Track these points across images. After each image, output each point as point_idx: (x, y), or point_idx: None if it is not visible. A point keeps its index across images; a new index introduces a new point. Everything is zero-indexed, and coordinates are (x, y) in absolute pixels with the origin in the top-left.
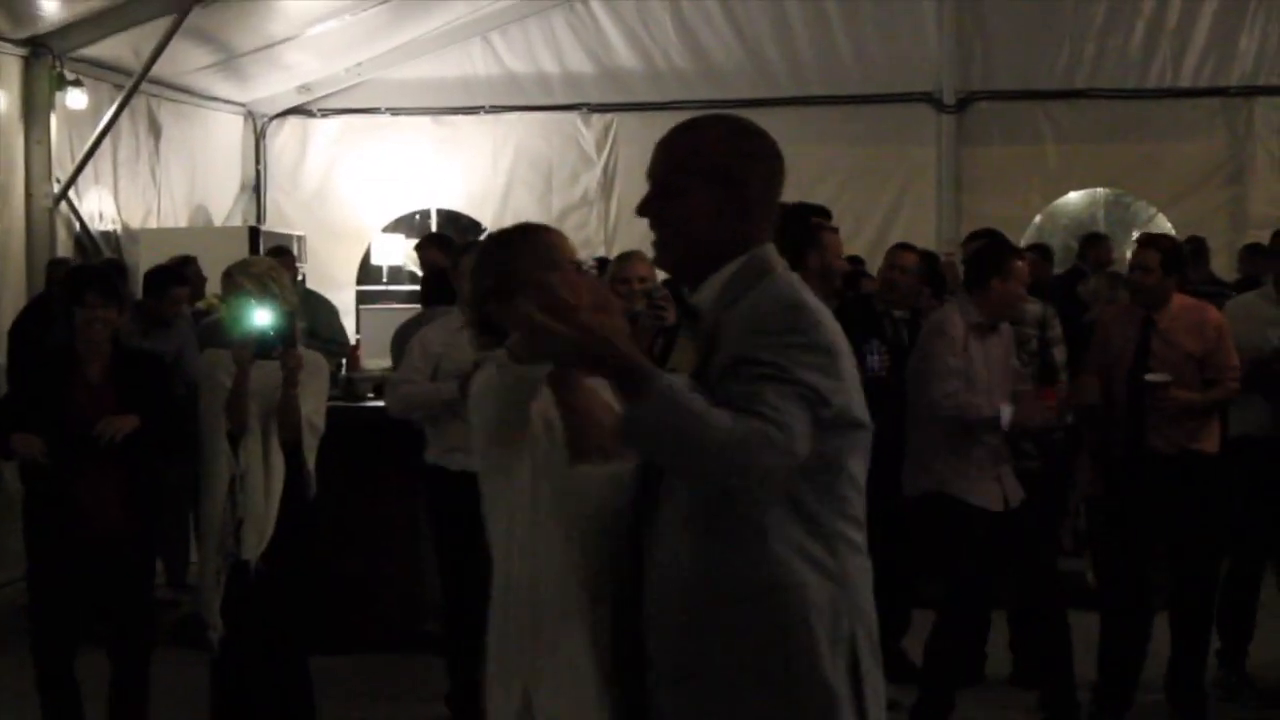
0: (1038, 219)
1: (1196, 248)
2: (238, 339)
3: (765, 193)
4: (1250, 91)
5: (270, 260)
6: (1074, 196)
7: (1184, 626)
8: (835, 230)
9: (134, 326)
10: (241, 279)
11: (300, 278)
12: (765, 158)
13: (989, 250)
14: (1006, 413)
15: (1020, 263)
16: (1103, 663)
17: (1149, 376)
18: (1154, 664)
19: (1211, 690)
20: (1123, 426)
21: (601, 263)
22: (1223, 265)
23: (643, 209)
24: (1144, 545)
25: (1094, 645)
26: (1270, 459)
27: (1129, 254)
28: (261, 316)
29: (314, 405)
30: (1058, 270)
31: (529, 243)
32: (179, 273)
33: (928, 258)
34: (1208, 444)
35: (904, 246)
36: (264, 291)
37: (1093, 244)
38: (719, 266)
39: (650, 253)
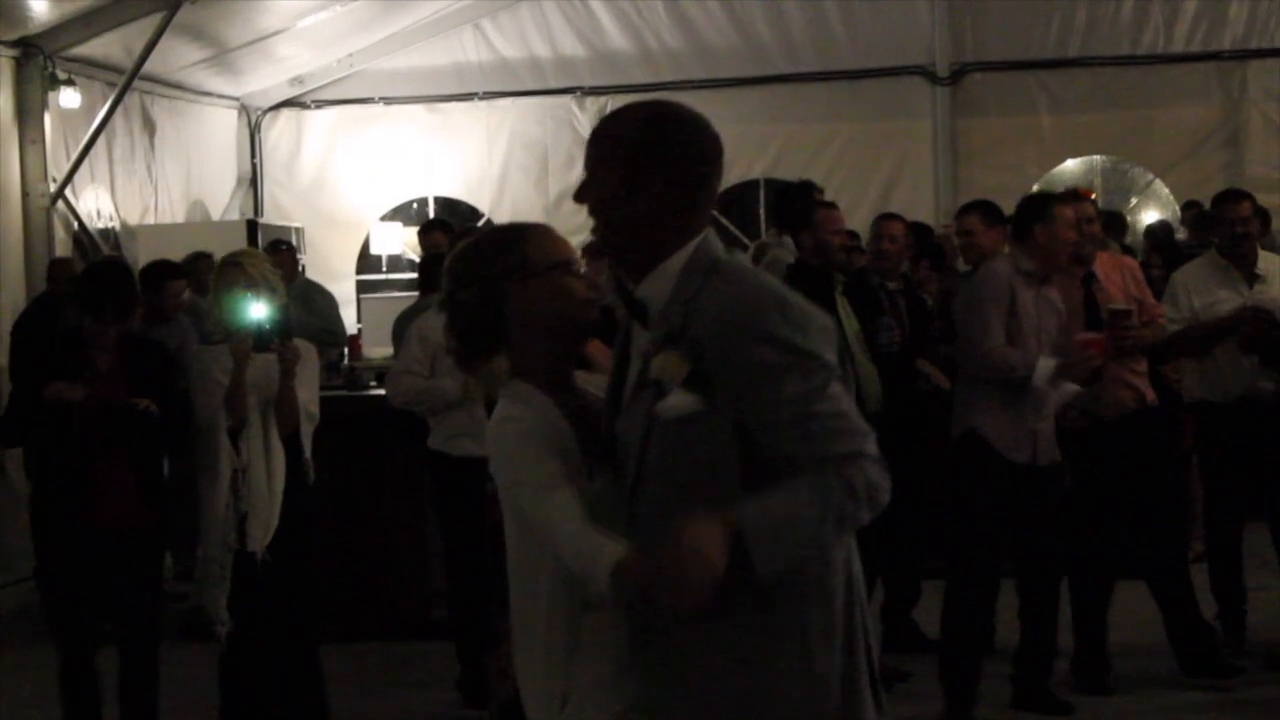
0: (1035, 188)
1: (1199, 214)
2: (235, 333)
3: (687, 179)
4: (1243, 55)
5: (260, 252)
6: (1070, 165)
7: (1161, 588)
8: (833, 205)
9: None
10: (235, 272)
11: (300, 269)
12: (685, 143)
13: (1033, 199)
14: (1045, 366)
15: (1068, 209)
16: (1078, 629)
17: (1111, 306)
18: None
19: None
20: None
21: (598, 245)
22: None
23: (576, 197)
24: (1106, 510)
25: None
26: (1236, 423)
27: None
28: (257, 309)
29: (308, 393)
30: None
31: (542, 231)
32: (175, 266)
33: (919, 229)
34: (1150, 394)
35: (890, 216)
36: (258, 284)
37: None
38: (657, 257)
39: None
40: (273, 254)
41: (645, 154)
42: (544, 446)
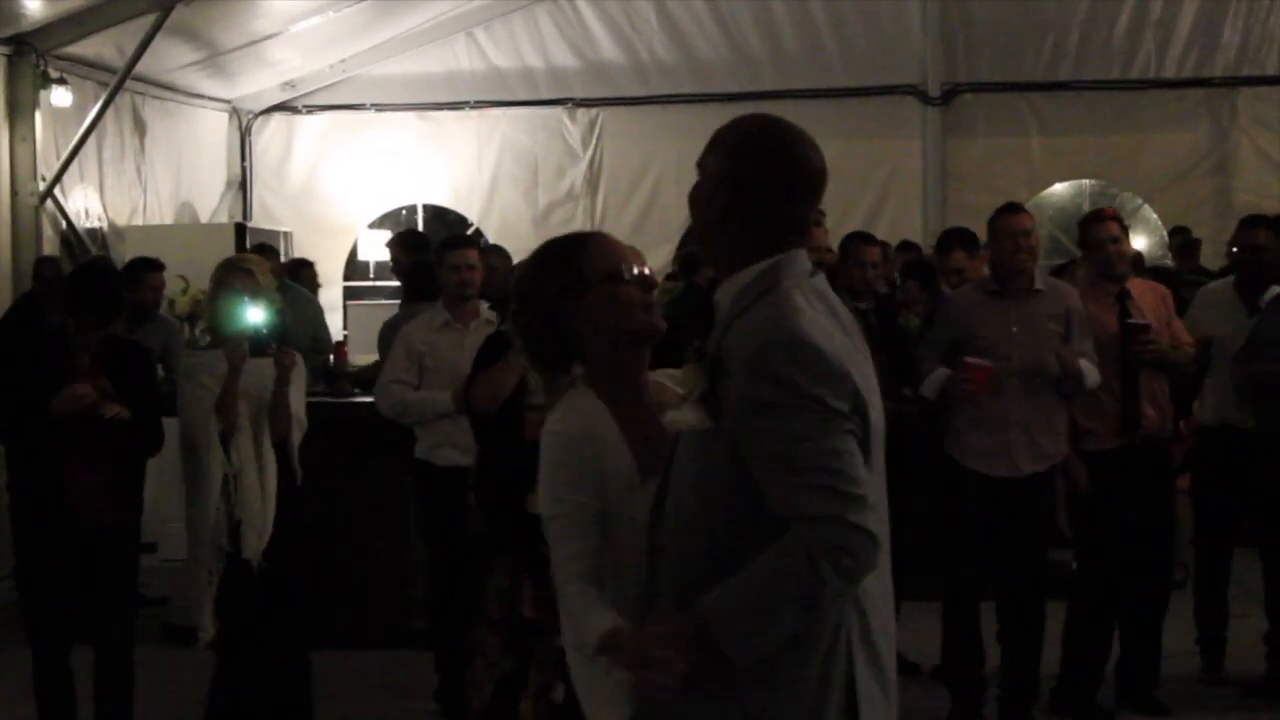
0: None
1: (1185, 240)
2: (231, 337)
3: (768, 198)
4: (1234, 82)
5: (258, 258)
6: (1059, 188)
7: (1142, 616)
8: (818, 224)
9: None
10: (235, 277)
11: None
12: (775, 162)
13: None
14: (936, 377)
15: (1004, 220)
16: (1068, 652)
17: (1129, 320)
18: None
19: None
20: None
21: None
22: (1208, 255)
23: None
24: (1114, 533)
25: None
26: (1223, 447)
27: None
28: (254, 314)
29: (298, 400)
30: (1047, 261)
31: (595, 243)
32: (153, 261)
33: (907, 247)
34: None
35: (865, 239)
36: (255, 289)
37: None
38: (735, 266)
39: (633, 243)
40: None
41: (735, 166)
42: (576, 469)
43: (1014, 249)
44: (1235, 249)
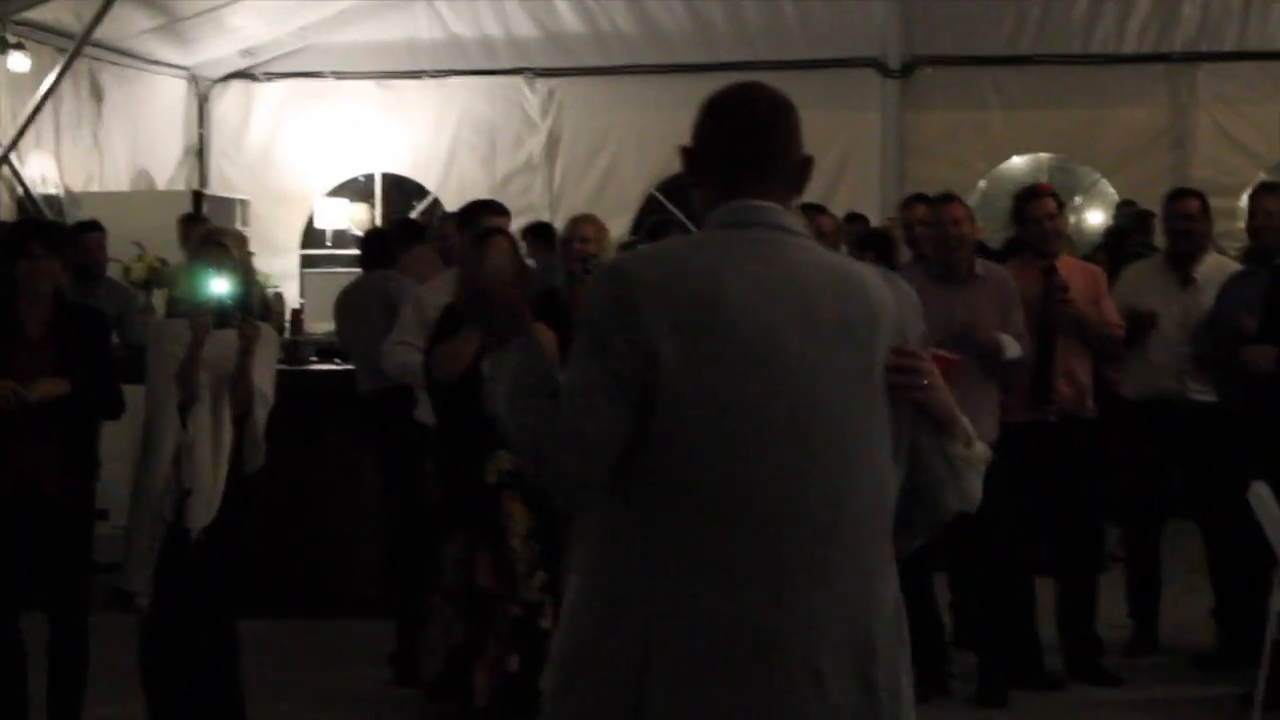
0: (982, 184)
1: (1138, 213)
2: (196, 306)
3: (707, 152)
4: (1193, 57)
5: (236, 232)
6: (1017, 161)
7: (1074, 587)
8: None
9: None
10: (212, 245)
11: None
12: (712, 116)
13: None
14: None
15: (928, 208)
16: (986, 625)
17: (1052, 277)
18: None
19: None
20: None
21: (540, 226)
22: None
23: None
24: (1031, 506)
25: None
26: (1154, 420)
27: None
28: (220, 285)
29: (264, 375)
30: (1002, 234)
31: None
32: (90, 221)
33: (855, 219)
34: (1091, 401)
35: (818, 209)
36: (223, 259)
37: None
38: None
39: (597, 215)
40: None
41: (694, 129)
42: None
43: (944, 238)
44: (1165, 220)
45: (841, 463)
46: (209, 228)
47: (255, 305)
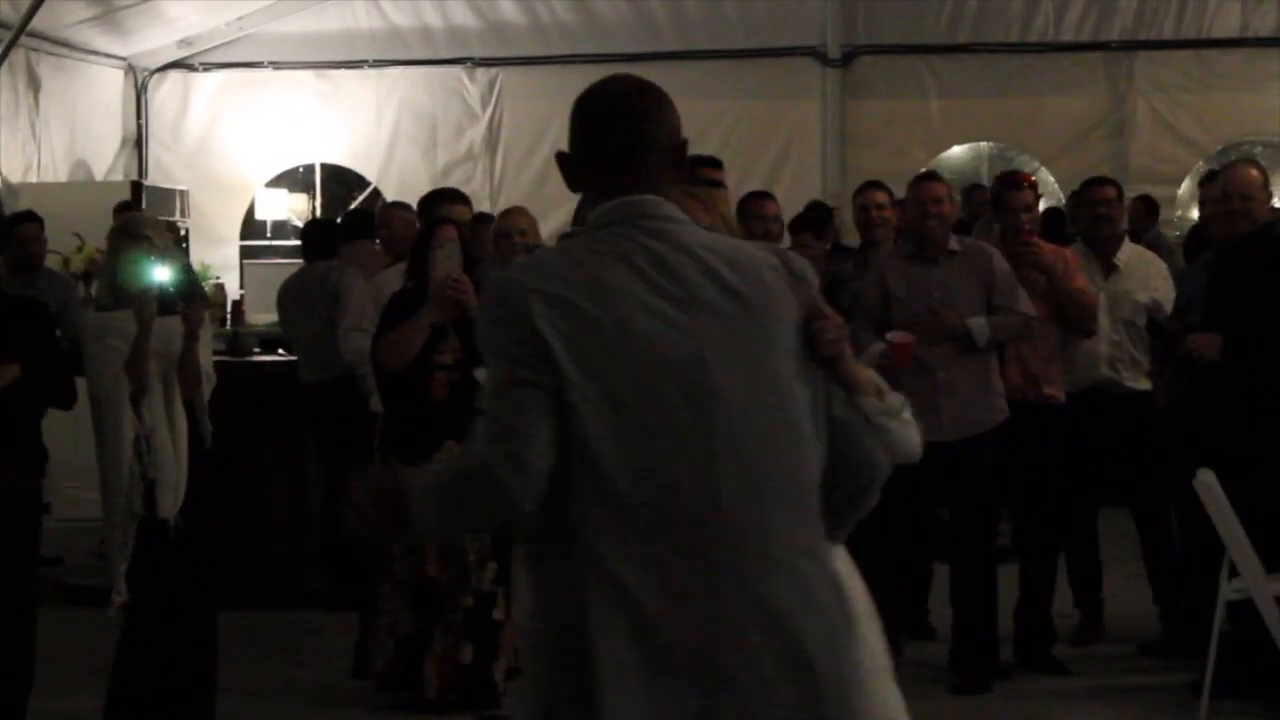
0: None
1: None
2: (138, 295)
3: (580, 153)
4: (1131, 46)
5: (154, 218)
6: (957, 150)
7: (1031, 576)
8: (722, 184)
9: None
10: (138, 235)
11: (184, 232)
12: (580, 116)
13: None
14: (871, 351)
15: (914, 187)
16: (959, 613)
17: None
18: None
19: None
20: None
21: (481, 217)
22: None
23: None
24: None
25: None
26: (1090, 409)
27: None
28: (160, 272)
29: (205, 355)
30: None
31: None
32: (26, 212)
33: (811, 206)
34: (1054, 390)
35: (764, 196)
36: (160, 247)
37: (971, 194)
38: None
39: (532, 204)
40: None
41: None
42: None
43: (921, 215)
44: (1081, 207)
45: (752, 445)
46: (127, 217)
47: (196, 290)
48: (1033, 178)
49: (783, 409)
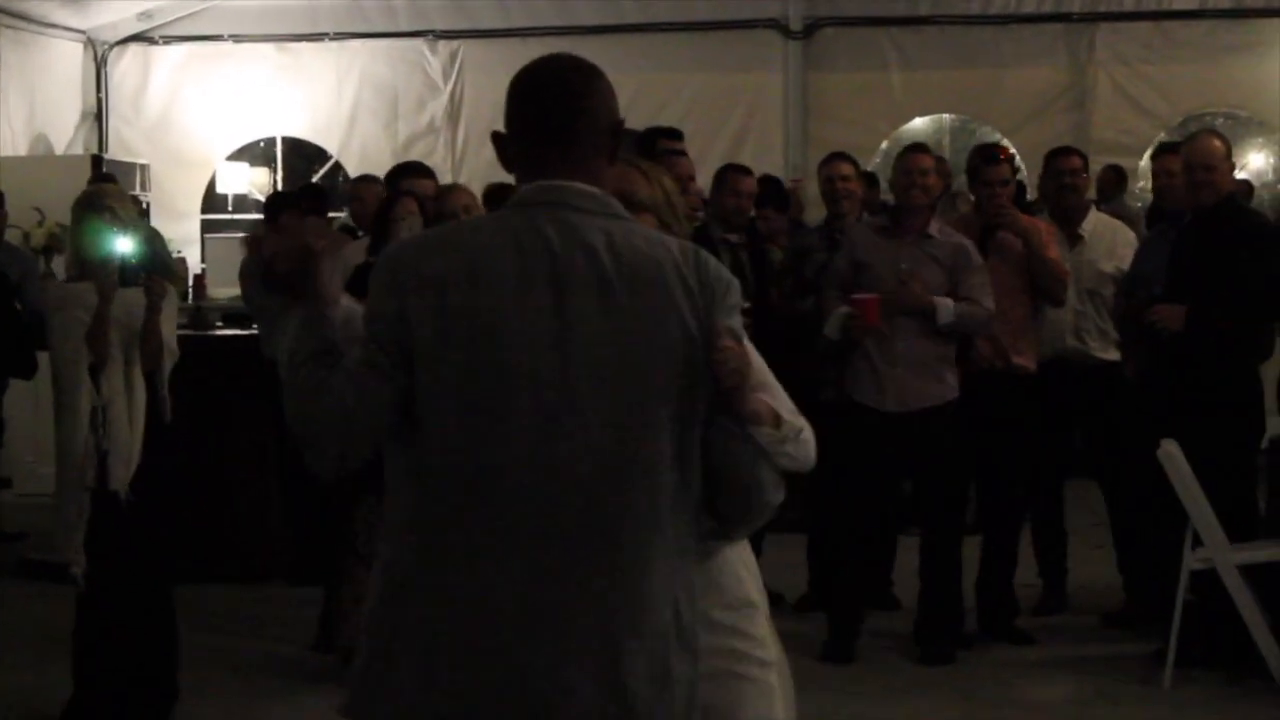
0: (884, 145)
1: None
2: (99, 266)
3: (512, 133)
4: (1092, 18)
5: (117, 189)
6: (919, 122)
7: (995, 546)
8: (683, 153)
9: None
10: (100, 206)
11: (145, 205)
12: (513, 96)
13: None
14: (836, 317)
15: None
16: (925, 584)
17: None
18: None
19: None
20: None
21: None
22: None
23: None
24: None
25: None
26: (1056, 379)
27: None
28: (123, 244)
29: (169, 329)
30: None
31: None
32: None
33: (765, 180)
34: (1024, 360)
35: (739, 169)
36: (122, 219)
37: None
38: None
39: (494, 177)
40: None
41: None
42: None
43: (908, 185)
44: (1047, 177)
45: (600, 449)
46: (90, 189)
47: (159, 262)
48: (1010, 151)
49: (645, 414)
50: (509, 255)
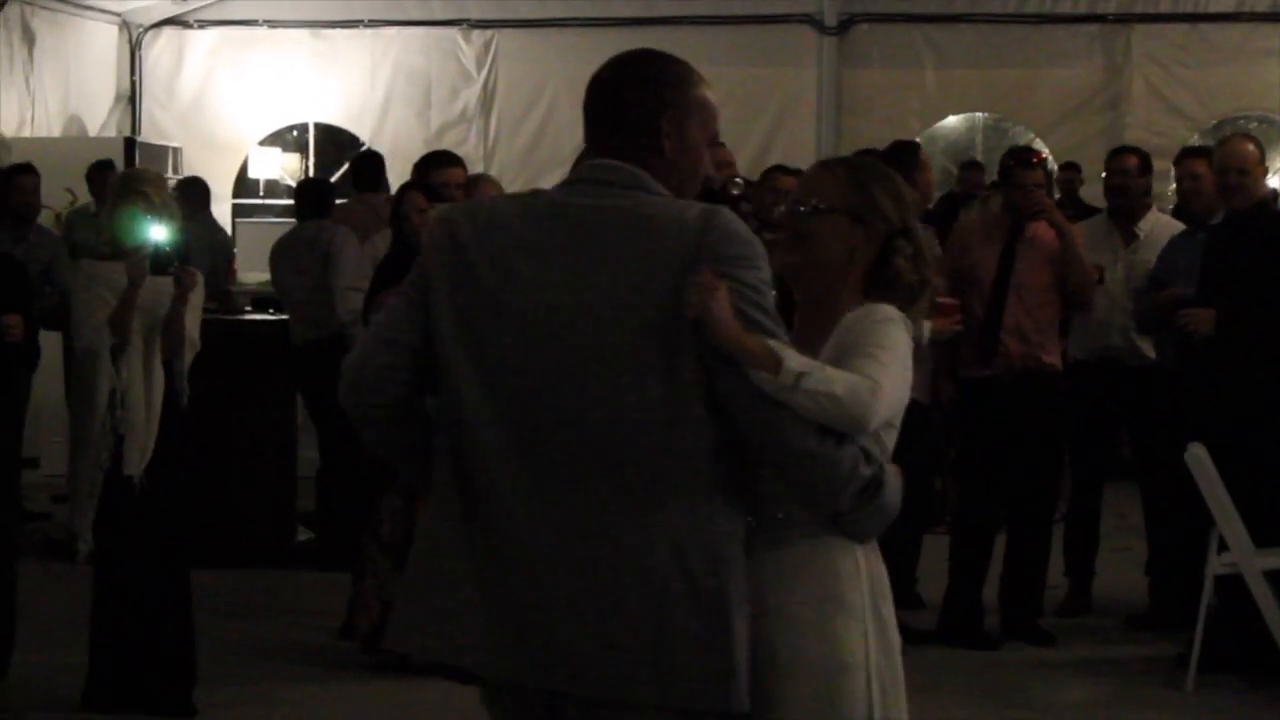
0: (916, 142)
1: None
2: (133, 251)
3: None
4: (1127, 18)
5: (156, 175)
6: (952, 120)
7: (1024, 546)
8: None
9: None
10: (136, 190)
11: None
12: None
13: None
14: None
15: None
16: (951, 580)
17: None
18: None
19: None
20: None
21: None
22: (1099, 191)
23: None
24: (990, 462)
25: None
26: (1098, 380)
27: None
28: (158, 231)
29: (193, 321)
30: (937, 193)
31: None
32: (24, 164)
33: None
34: (1053, 358)
35: (784, 170)
36: (159, 204)
37: (967, 171)
38: None
39: (525, 167)
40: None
41: None
42: None
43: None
44: (1105, 177)
45: (593, 406)
46: (129, 170)
47: (188, 251)
48: (1044, 154)
49: (644, 372)
50: (520, 216)
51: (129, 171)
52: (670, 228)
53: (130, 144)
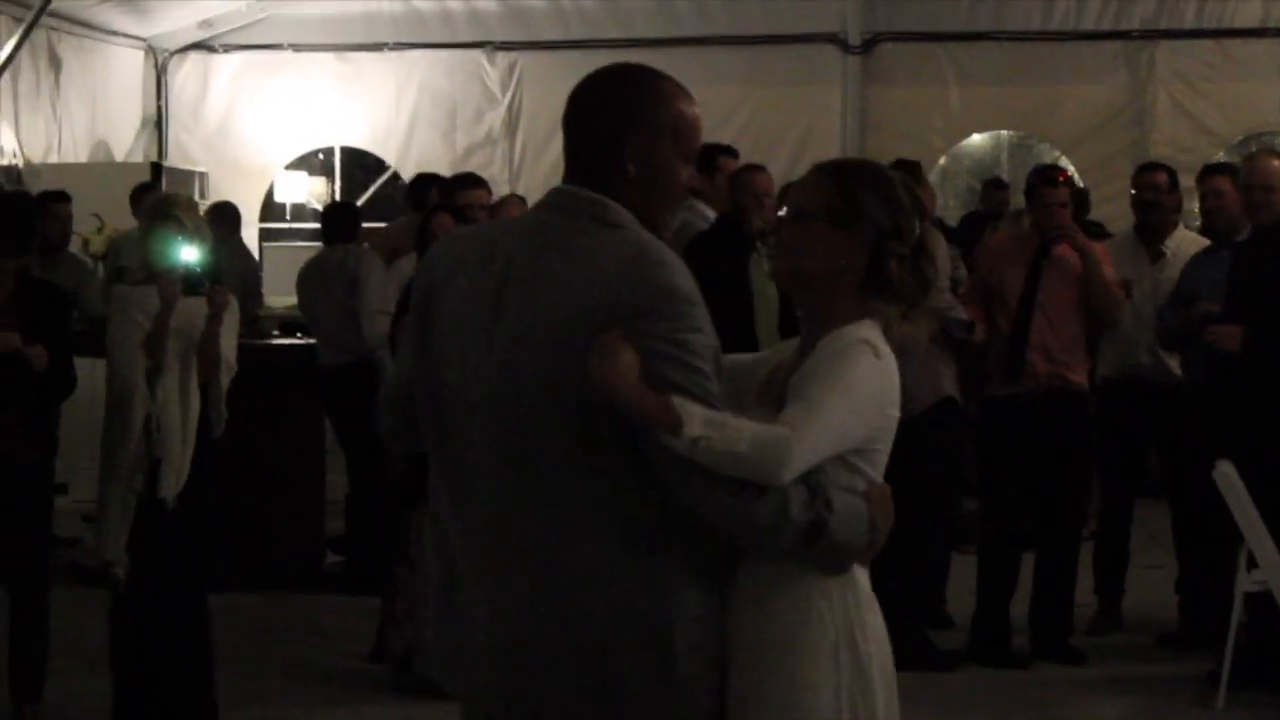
0: (942, 161)
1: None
2: (164, 273)
3: None
4: (1151, 35)
5: (188, 198)
6: (977, 139)
7: (1053, 564)
8: (760, 168)
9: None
10: (168, 215)
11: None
12: None
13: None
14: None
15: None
16: (980, 599)
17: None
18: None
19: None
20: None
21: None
22: (1124, 208)
23: None
24: (1017, 481)
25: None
26: (1127, 397)
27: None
28: (189, 252)
29: (228, 343)
30: (961, 211)
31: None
32: (58, 192)
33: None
34: (1080, 377)
35: (756, 169)
36: (191, 228)
37: (990, 190)
38: None
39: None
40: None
41: None
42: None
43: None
44: (1134, 193)
45: (517, 453)
46: (161, 194)
47: (221, 272)
48: (1068, 173)
49: (566, 426)
50: (476, 254)
51: (161, 195)
52: (597, 279)
53: (157, 169)
